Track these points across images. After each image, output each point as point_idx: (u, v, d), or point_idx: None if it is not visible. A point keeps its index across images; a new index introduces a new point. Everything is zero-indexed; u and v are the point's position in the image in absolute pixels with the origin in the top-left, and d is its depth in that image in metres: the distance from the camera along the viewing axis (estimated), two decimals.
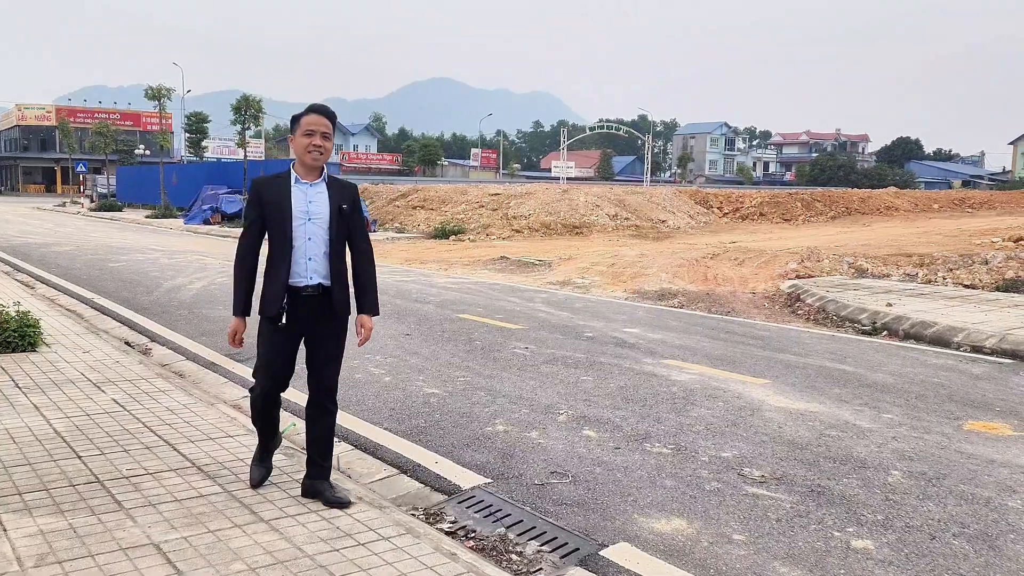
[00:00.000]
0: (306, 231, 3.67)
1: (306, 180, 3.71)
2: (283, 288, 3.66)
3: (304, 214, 3.67)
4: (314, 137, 3.67)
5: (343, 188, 3.81)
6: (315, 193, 3.72)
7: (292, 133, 3.75)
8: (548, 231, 26.10)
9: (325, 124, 3.70)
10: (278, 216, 3.66)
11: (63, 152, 70.86)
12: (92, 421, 4.87)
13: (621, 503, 4.07)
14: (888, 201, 40.80)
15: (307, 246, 3.67)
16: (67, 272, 13.77)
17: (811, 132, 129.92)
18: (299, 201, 3.68)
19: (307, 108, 3.77)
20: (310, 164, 3.70)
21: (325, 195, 3.73)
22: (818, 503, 4.08)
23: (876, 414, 5.68)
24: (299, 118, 3.72)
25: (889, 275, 13.52)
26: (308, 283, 3.68)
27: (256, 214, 3.72)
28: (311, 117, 3.69)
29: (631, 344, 8.09)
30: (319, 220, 3.69)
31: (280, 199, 3.67)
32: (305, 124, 3.67)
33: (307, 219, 3.67)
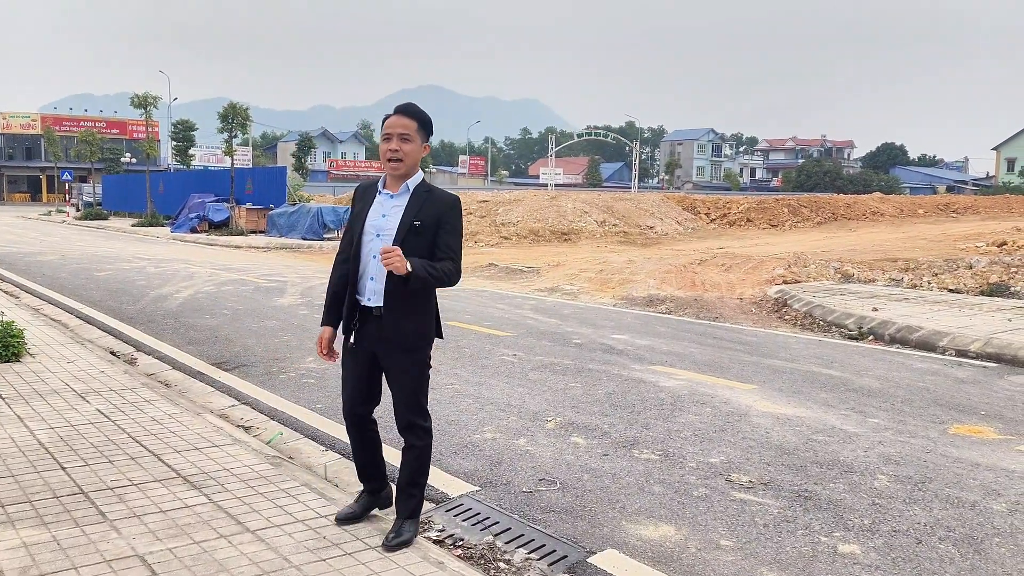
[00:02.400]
0: (371, 248, 3.36)
1: (388, 190, 3.40)
2: (352, 306, 3.42)
3: (375, 228, 3.37)
4: (391, 141, 3.30)
5: (428, 202, 3.36)
6: (392, 206, 3.37)
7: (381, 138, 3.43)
8: (536, 238, 26.14)
9: (403, 124, 3.30)
10: (355, 228, 3.44)
11: (48, 160, 70.44)
12: (76, 432, 4.83)
13: (609, 510, 4.07)
14: (874, 206, 41.11)
15: (371, 264, 3.36)
16: (52, 281, 13.67)
17: (797, 138, 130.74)
18: (375, 214, 3.39)
19: (396, 108, 3.40)
20: (389, 173, 3.38)
21: (402, 209, 3.34)
22: (805, 508, 4.09)
23: (862, 419, 5.70)
24: (384, 121, 3.37)
25: (875, 280, 13.60)
26: (367, 303, 3.39)
27: (350, 223, 3.53)
28: (391, 119, 3.33)
29: (619, 350, 8.10)
30: (387, 237, 3.31)
31: (362, 209, 3.43)
32: (385, 127, 3.33)
33: (376, 234, 3.36)
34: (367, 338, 3.42)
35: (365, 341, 3.43)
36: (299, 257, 20.80)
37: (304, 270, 16.46)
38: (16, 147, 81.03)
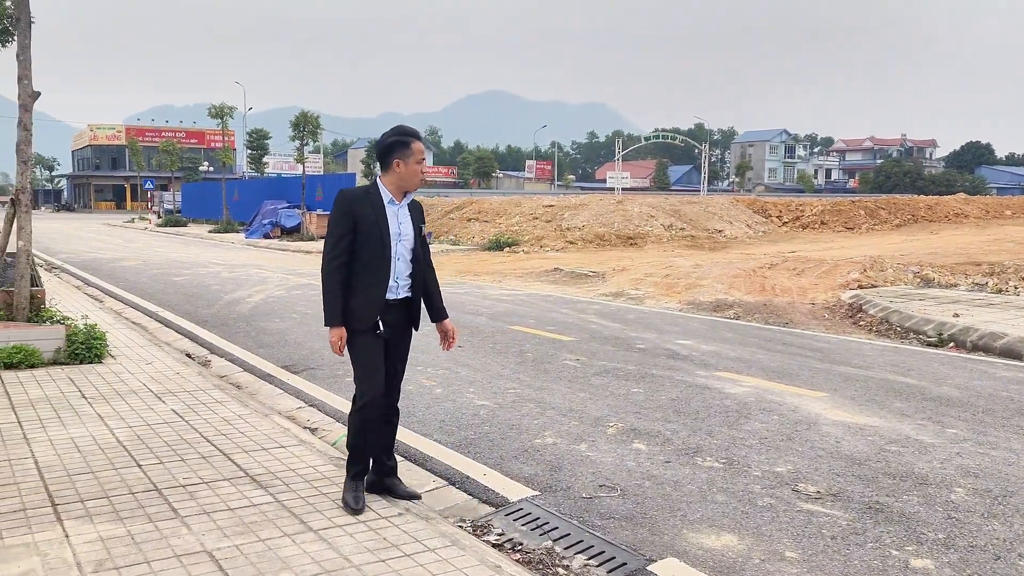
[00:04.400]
0: (397, 252, 3.85)
1: (398, 202, 3.88)
2: (380, 301, 3.83)
3: (397, 235, 3.85)
4: (423, 164, 3.89)
5: (417, 209, 4.02)
6: (404, 215, 3.91)
7: (401, 158, 3.80)
8: (602, 242, 25.98)
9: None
10: (376, 234, 3.78)
11: (132, 170, 73.50)
12: (152, 431, 5.01)
13: (670, 518, 4.01)
14: (957, 208, 39.50)
15: (397, 265, 3.87)
16: (133, 286, 14.25)
17: (875, 138, 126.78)
18: (393, 223, 3.84)
19: (409, 133, 3.87)
20: (412, 188, 3.90)
21: (409, 217, 3.93)
22: (876, 520, 3.95)
23: (940, 429, 5.48)
24: (408, 144, 3.81)
25: (957, 284, 13.07)
26: (395, 297, 3.89)
27: (348, 228, 3.76)
28: (421, 145, 3.90)
29: (684, 356, 7.99)
30: (407, 241, 3.89)
31: (377, 218, 3.80)
32: (419, 152, 3.85)
33: (399, 239, 3.86)
34: (388, 324, 3.89)
35: (388, 329, 3.89)
36: None
37: None
38: (103, 158, 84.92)
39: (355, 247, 3.77)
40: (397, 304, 3.90)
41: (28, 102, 7.13)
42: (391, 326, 3.90)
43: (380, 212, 3.80)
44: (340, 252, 3.76)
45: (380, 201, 3.83)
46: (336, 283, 3.77)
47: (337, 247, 3.76)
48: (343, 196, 3.84)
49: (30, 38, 7.17)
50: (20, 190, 7.22)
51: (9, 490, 3.94)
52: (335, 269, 3.77)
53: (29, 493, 3.90)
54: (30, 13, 7.21)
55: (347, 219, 3.76)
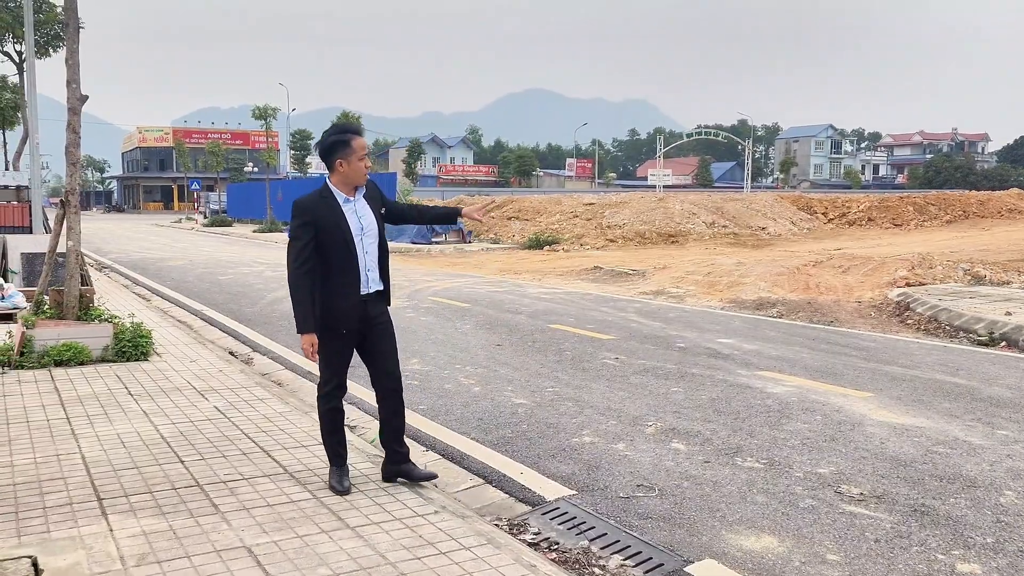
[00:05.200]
0: (363, 246, 3.94)
1: (351, 197, 3.96)
2: (355, 304, 3.92)
3: (360, 231, 3.93)
4: (366, 159, 3.95)
5: (372, 191, 4.07)
6: (362, 208, 3.98)
7: (343, 157, 3.87)
8: (643, 240, 25.81)
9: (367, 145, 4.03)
10: (339, 236, 3.86)
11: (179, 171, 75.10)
12: (195, 427, 5.11)
13: (709, 519, 3.96)
14: (1011, 203, 38.36)
15: (366, 259, 3.96)
16: (179, 285, 14.55)
17: (924, 132, 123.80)
18: (353, 220, 3.91)
19: (348, 130, 3.94)
20: (361, 183, 3.96)
21: (368, 207, 4.00)
22: (921, 524, 3.85)
23: (990, 430, 5.32)
24: (348, 142, 3.87)
25: (1009, 282, 12.70)
26: (367, 291, 3.97)
27: (312, 235, 3.83)
28: (362, 141, 3.94)
29: (725, 355, 7.89)
30: (371, 232, 3.98)
31: (337, 220, 3.87)
32: (360, 148, 3.90)
33: (362, 234, 3.94)
34: (366, 320, 3.98)
35: (358, 324, 3.97)
36: (408, 261, 21.30)
37: (412, 273, 16.85)
38: (151, 159, 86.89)
39: (321, 253, 3.84)
40: (370, 297, 3.99)
41: (77, 105, 7.31)
42: (368, 320, 3.99)
43: (339, 214, 3.87)
44: (305, 260, 3.82)
45: (336, 203, 3.89)
46: (305, 291, 3.83)
47: (301, 255, 3.82)
48: (300, 205, 3.90)
49: (78, 43, 7.35)
50: (69, 191, 7.41)
51: (57, 484, 4.04)
52: (302, 276, 3.83)
53: (76, 488, 4.00)
54: (79, 19, 7.40)
55: (308, 227, 3.83)
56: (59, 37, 8.04)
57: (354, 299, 3.90)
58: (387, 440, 4.18)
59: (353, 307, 3.91)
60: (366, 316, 3.99)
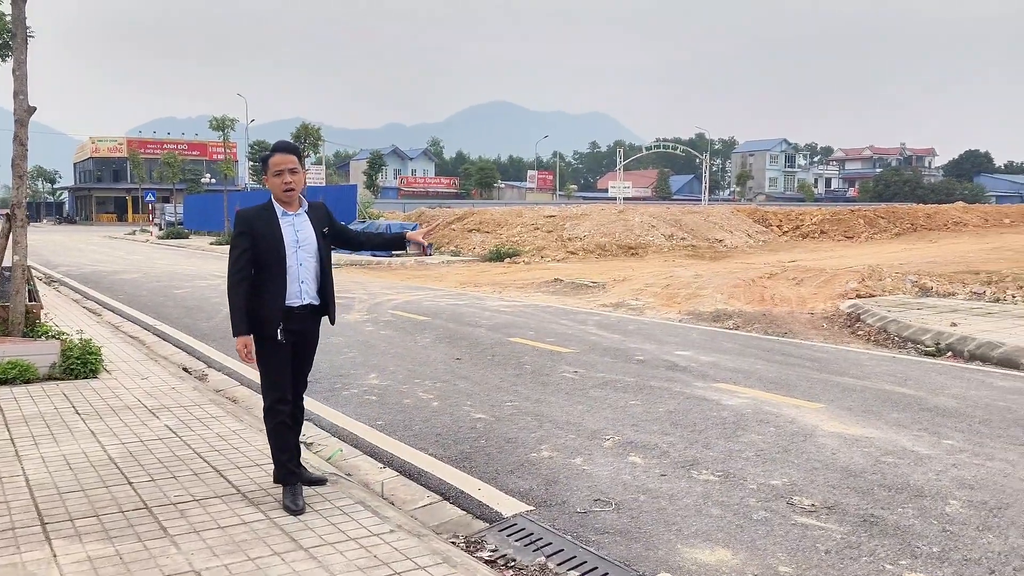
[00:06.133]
0: (298, 258, 4.08)
1: (290, 211, 4.12)
2: (281, 310, 4.04)
3: (295, 243, 4.08)
4: (283, 175, 4.05)
5: (318, 211, 4.24)
6: (300, 223, 4.13)
7: (265, 174, 4.12)
8: (603, 252, 25.99)
9: (291, 161, 4.09)
10: (272, 246, 4.03)
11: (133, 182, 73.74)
12: (145, 447, 5.00)
13: (665, 532, 3.99)
14: (956, 216, 39.50)
15: (300, 271, 4.09)
16: (132, 299, 14.26)
17: (874, 147, 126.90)
18: (288, 232, 4.08)
19: (273, 148, 4.16)
20: (286, 200, 4.10)
21: (308, 223, 4.15)
22: (871, 534, 3.92)
23: (936, 440, 5.45)
24: (266, 160, 4.09)
25: (955, 293, 13.04)
26: (300, 303, 4.11)
27: (248, 244, 4.03)
28: (277, 157, 4.08)
29: (683, 367, 7.97)
30: (307, 246, 4.12)
31: (272, 231, 4.04)
32: (273, 165, 4.07)
33: (297, 247, 4.09)
34: (291, 332, 4.08)
35: (291, 335, 4.08)
36: (368, 273, 21.17)
37: (372, 286, 16.75)
38: (104, 170, 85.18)
39: (256, 262, 4.03)
40: (302, 310, 4.11)
41: (24, 117, 7.15)
42: (296, 332, 4.11)
43: (275, 225, 4.05)
44: (242, 267, 4.02)
45: (274, 215, 4.08)
46: (240, 296, 4.02)
47: (238, 263, 4.03)
48: (240, 216, 4.09)
49: (26, 53, 7.20)
50: (16, 204, 7.23)
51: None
52: (238, 283, 4.03)
53: (19, 512, 3.88)
54: (27, 28, 7.24)
55: (245, 236, 4.03)
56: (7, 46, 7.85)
57: (279, 306, 4.03)
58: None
59: (276, 314, 4.02)
60: (298, 329, 4.12)
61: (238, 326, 4.02)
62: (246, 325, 4.02)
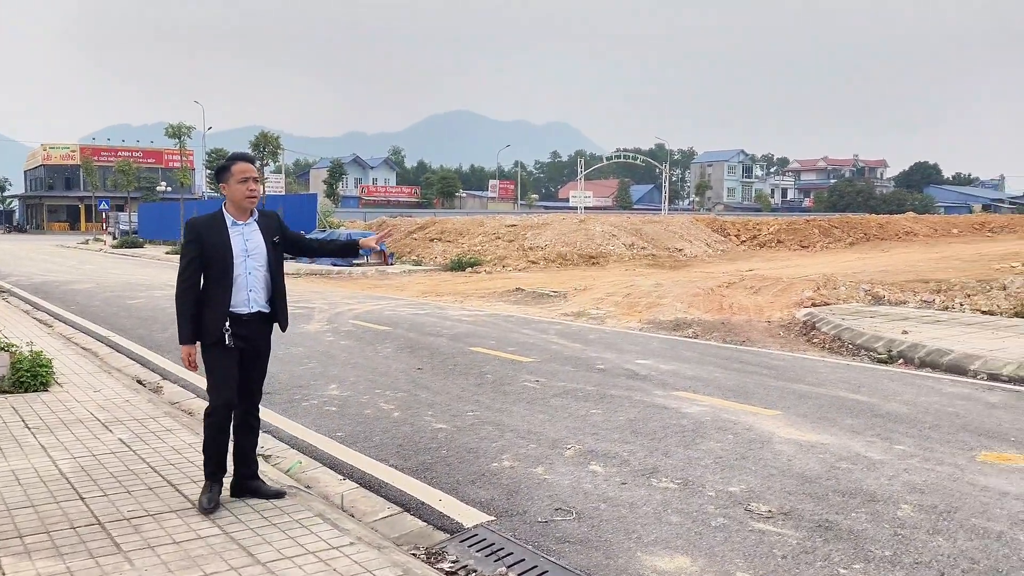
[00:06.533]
0: (247, 267, 4.13)
1: (240, 221, 4.17)
2: (224, 315, 4.07)
3: (244, 252, 4.13)
4: (248, 183, 4.13)
5: (270, 221, 4.29)
6: (250, 232, 4.18)
7: (224, 181, 4.16)
8: (564, 262, 26.12)
9: (253, 170, 4.20)
10: (220, 255, 4.07)
11: (86, 190, 72.19)
12: (97, 462, 4.89)
13: (625, 540, 4.01)
14: (907, 226, 40.47)
15: (248, 280, 4.14)
16: (85, 310, 13.94)
17: (829, 158, 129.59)
18: (238, 241, 4.13)
19: (233, 157, 4.23)
20: (247, 207, 4.17)
21: (258, 232, 4.21)
22: (825, 539, 4.00)
23: (888, 445, 5.58)
24: (228, 167, 4.14)
25: (906, 302, 13.37)
26: (249, 310, 4.14)
27: (196, 252, 4.09)
28: (242, 165, 4.14)
29: (643, 376, 8.04)
30: (256, 255, 4.17)
31: (221, 240, 4.09)
32: (239, 172, 4.12)
33: (246, 256, 4.13)
34: (240, 338, 4.11)
35: (239, 342, 4.11)
36: (328, 283, 21.00)
37: (332, 296, 16.61)
38: (56, 178, 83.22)
39: (204, 269, 4.08)
40: (250, 318, 4.14)
41: None
42: (244, 339, 4.13)
43: (224, 234, 4.10)
44: (190, 275, 4.08)
45: (224, 224, 4.13)
46: (187, 304, 4.09)
47: (187, 271, 4.09)
48: (190, 224, 4.16)
49: None
50: None
51: None
52: (185, 291, 4.09)
53: None
54: None
55: (194, 244, 4.09)
56: None
57: (223, 313, 4.06)
58: (237, 457, 4.31)
59: (220, 320, 4.05)
60: (248, 336, 4.15)
61: (184, 334, 4.09)
62: (192, 333, 4.08)
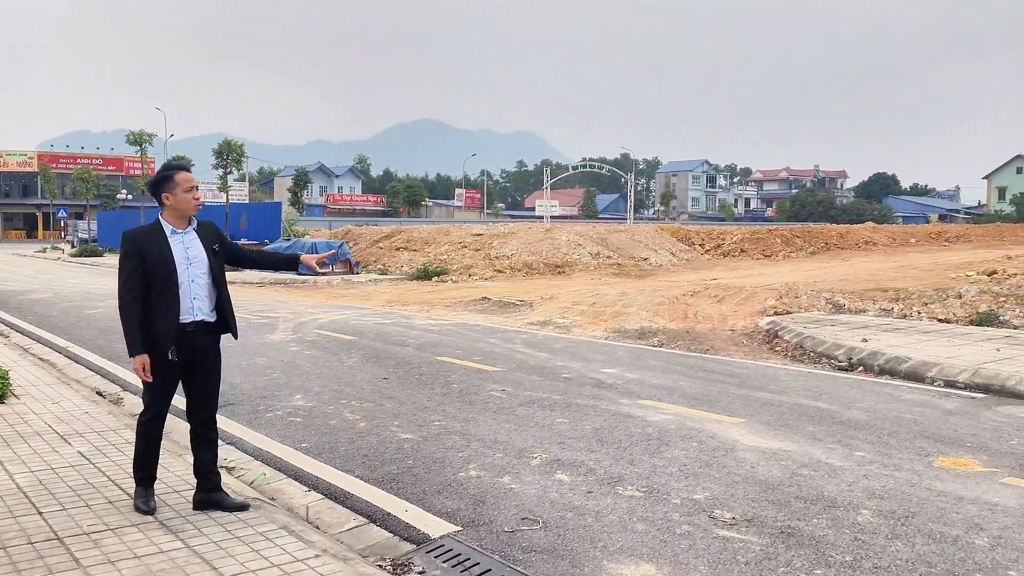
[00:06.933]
0: (189, 275, 4.16)
1: (180, 230, 4.21)
2: (175, 327, 4.10)
3: (186, 260, 4.17)
4: (193, 191, 4.22)
5: (207, 230, 4.33)
6: (190, 240, 4.23)
7: (168, 191, 4.17)
8: (530, 271, 26.19)
9: (195, 179, 4.31)
10: (162, 265, 4.09)
11: (44, 198, 70.70)
12: (56, 475, 4.80)
13: (591, 549, 4.04)
14: (866, 236, 41.29)
15: (192, 288, 4.17)
16: (43, 320, 13.66)
17: (790, 169, 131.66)
18: (179, 250, 4.17)
19: (172, 167, 4.27)
20: (192, 215, 4.24)
21: (198, 241, 4.25)
22: (787, 545, 4.06)
23: (848, 452, 5.69)
24: (172, 177, 4.17)
25: (866, 310, 13.63)
26: (192, 319, 4.17)
27: (138, 264, 4.08)
28: (185, 175, 4.22)
29: (608, 385, 8.09)
30: (198, 264, 4.20)
31: (161, 250, 4.12)
32: (184, 182, 4.19)
33: (188, 264, 4.17)
34: (183, 349, 4.14)
35: (183, 353, 4.14)
36: (293, 292, 20.82)
37: (296, 305, 16.47)
38: (12, 185, 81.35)
39: (147, 280, 4.07)
40: (194, 327, 4.17)
41: None
42: (189, 350, 4.16)
43: (164, 244, 4.13)
44: (132, 287, 4.06)
45: (163, 234, 4.16)
46: (133, 315, 4.05)
47: (129, 283, 4.06)
48: (128, 236, 4.18)
49: None
50: None
51: None
52: (130, 303, 4.06)
53: None
54: None
55: (134, 257, 4.10)
56: None
57: (173, 323, 4.08)
58: (199, 470, 4.33)
59: (169, 332, 4.07)
60: (193, 346, 4.18)
61: (134, 345, 4.05)
62: (142, 344, 4.05)
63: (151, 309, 4.07)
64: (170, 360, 4.11)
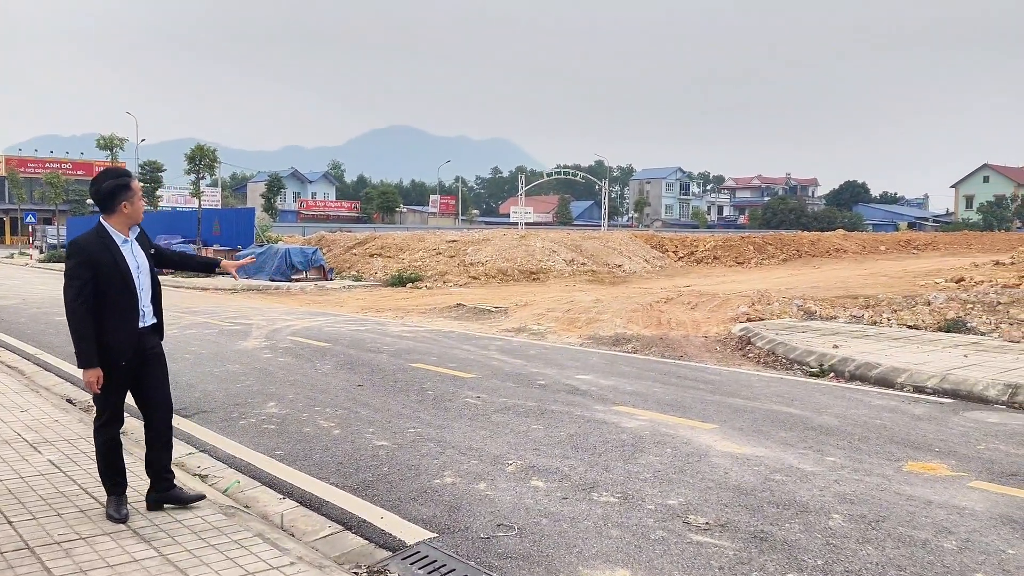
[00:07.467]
0: (140, 283, 4.23)
1: (128, 238, 4.25)
2: (133, 333, 4.16)
3: (136, 268, 4.23)
4: (142, 198, 4.32)
5: (143, 235, 4.38)
6: (136, 248, 4.29)
7: (126, 200, 4.18)
8: (505, 277, 26.22)
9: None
10: (117, 274, 4.11)
11: (12, 203, 69.54)
12: (26, 484, 4.73)
13: (566, 555, 4.06)
14: (837, 243, 41.88)
15: (142, 295, 4.24)
16: (11, 327, 13.44)
17: (762, 176, 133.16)
18: (129, 257, 4.21)
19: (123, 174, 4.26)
20: (137, 222, 4.28)
21: (140, 247, 4.32)
22: (760, 549, 4.11)
23: (820, 457, 5.77)
24: (129, 185, 4.20)
25: (837, 317, 13.82)
26: (143, 324, 4.25)
27: (90, 275, 4.05)
28: (136, 183, 4.30)
29: (583, 391, 8.13)
30: (145, 270, 4.29)
31: (115, 258, 4.13)
32: (138, 189, 4.27)
33: (139, 272, 4.23)
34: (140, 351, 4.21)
35: (135, 358, 4.19)
36: (266, 299, 20.65)
37: (270, 312, 16.34)
38: None
39: (98, 290, 4.06)
40: (144, 331, 4.25)
41: None
42: (142, 352, 4.24)
43: (117, 253, 4.15)
44: (85, 298, 4.03)
45: (114, 243, 4.16)
46: (88, 327, 4.03)
47: (82, 294, 4.03)
48: (78, 246, 4.14)
49: None
50: None
51: None
52: (85, 315, 4.03)
53: None
54: None
55: (86, 266, 4.06)
56: None
57: (133, 332, 4.15)
58: (155, 470, 4.36)
59: (131, 340, 4.13)
60: (141, 348, 4.24)
61: (88, 358, 4.02)
62: (96, 357, 4.04)
63: (103, 320, 4.07)
64: (122, 365, 4.14)
